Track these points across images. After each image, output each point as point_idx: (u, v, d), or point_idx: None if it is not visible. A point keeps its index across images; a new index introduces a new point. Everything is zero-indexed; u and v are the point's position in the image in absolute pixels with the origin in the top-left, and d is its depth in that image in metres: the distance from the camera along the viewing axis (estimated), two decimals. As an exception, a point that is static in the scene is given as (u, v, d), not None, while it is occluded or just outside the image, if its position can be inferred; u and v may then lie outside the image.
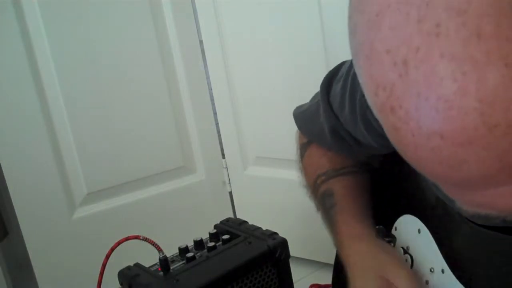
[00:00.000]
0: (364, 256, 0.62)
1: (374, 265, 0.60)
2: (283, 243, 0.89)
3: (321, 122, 0.68)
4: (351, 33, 0.28)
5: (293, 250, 0.93)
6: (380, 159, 0.72)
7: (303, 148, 0.77)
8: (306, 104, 0.76)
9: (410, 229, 0.63)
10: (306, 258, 1.35)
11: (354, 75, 0.59)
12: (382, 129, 0.30)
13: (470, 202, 0.28)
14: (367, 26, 0.26)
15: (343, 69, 0.64)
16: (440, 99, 0.23)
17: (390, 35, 0.24)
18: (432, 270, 0.58)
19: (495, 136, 0.22)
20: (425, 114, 0.24)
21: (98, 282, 0.83)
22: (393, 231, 0.67)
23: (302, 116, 0.76)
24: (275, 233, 0.91)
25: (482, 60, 0.22)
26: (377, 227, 0.69)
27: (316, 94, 0.73)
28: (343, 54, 0.68)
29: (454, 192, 0.28)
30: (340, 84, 0.63)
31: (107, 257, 0.81)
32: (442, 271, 0.56)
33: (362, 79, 0.28)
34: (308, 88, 0.75)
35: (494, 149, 0.23)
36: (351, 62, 0.61)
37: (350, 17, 0.28)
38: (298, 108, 0.78)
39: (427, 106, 0.23)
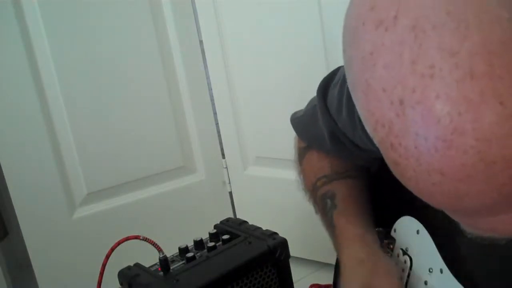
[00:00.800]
0: (356, 262, 0.62)
1: (363, 273, 0.60)
2: (283, 243, 0.88)
3: (319, 127, 0.68)
4: (347, 66, 0.29)
5: (293, 250, 0.93)
6: (378, 163, 0.72)
7: (303, 152, 0.77)
8: (302, 110, 0.76)
9: (409, 230, 0.63)
10: (306, 258, 1.35)
11: None
12: None
13: (473, 227, 0.29)
14: (362, 63, 0.26)
15: (339, 74, 0.64)
16: (438, 138, 0.24)
17: (385, 75, 0.25)
18: (431, 270, 0.58)
19: (493, 172, 0.23)
20: (424, 152, 0.24)
21: (98, 282, 0.83)
22: (392, 233, 0.67)
23: (300, 122, 0.75)
24: (275, 233, 0.91)
25: (476, 100, 0.22)
26: (376, 229, 0.69)
27: (312, 99, 0.72)
28: (342, 54, 0.68)
29: (457, 217, 0.29)
30: (337, 89, 0.63)
31: (107, 257, 0.81)
32: (441, 271, 0.56)
33: (360, 111, 0.29)
34: (308, 88, 0.75)
35: (493, 184, 0.23)
36: None
37: (344, 51, 0.29)
38: (294, 114, 0.78)
39: (426, 145, 0.24)
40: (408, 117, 0.24)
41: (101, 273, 0.83)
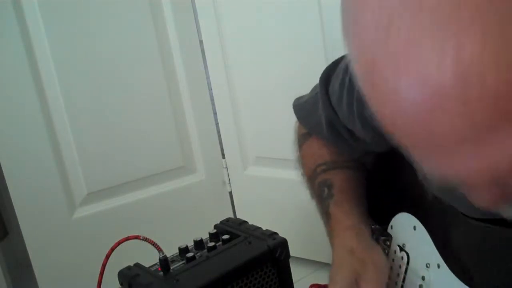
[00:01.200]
0: (346, 250, 0.62)
1: (352, 260, 0.61)
2: (283, 243, 0.88)
3: (319, 114, 0.69)
4: (341, 10, 0.29)
5: (293, 250, 0.93)
6: (372, 160, 0.72)
7: (304, 137, 0.77)
8: (305, 95, 0.76)
9: (406, 226, 0.63)
10: (306, 258, 1.35)
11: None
12: (379, 128, 0.30)
13: (438, 170, 0.29)
14: None
15: (342, 64, 0.64)
16: (419, 72, 0.24)
17: (375, 3, 0.26)
18: (428, 265, 0.58)
19: (470, 108, 0.23)
20: (404, 86, 0.25)
21: (98, 282, 0.83)
22: (389, 230, 0.67)
23: (302, 108, 0.76)
24: (275, 233, 0.91)
25: (460, 31, 0.23)
26: (372, 226, 0.69)
27: (316, 86, 0.73)
28: (343, 54, 0.68)
29: (424, 159, 0.29)
30: (338, 80, 0.63)
31: (107, 257, 0.81)
32: (438, 266, 0.57)
33: (349, 49, 0.29)
34: (308, 89, 0.75)
35: (468, 118, 0.24)
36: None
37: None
38: (297, 99, 0.78)
39: (406, 78, 0.25)
40: (390, 46, 0.25)
41: (101, 273, 0.83)
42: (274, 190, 1.40)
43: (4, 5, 1.21)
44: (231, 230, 0.94)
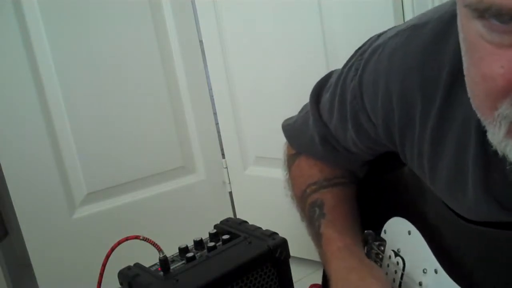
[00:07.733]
0: (347, 270, 0.61)
1: (356, 278, 0.59)
2: (283, 243, 0.89)
3: (310, 132, 0.68)
4: None
5: (293, 250, 0.93)
6: (366, 169, 0.71)
7: (292, 159, 0.77)
8: (294, 116, 0.76)
9: (400, 231, 0.62)
10: (306, 258, 1.35)
11: (344, 81, 0.59)
12: (374, 132, 0.30)
13: None
14: None
15: (332, 79, 0.64)
16: None
17: None
18: (425, 271, 0.58)
19: None
20: None
21: (98, 282, 0.83)
22: (382, 235, 0.67)
23: (291, 128, 0.75)
24: (275, 233, 0.91)
25: None
26: (365, 231, 0.68)
27: (305, 106, 0.72)
28: (343, 54, 0.68)
29: None
30: (329, 92, 0.63)
31: (107, 257, 0.81)
32: (435, 271, 0.56)
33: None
34: (308, 88, 0.75)
35: None
36: (340, 71, 0.61)
37: None
38: (286, 120, 0.77)
39: None
40: None
41: (101, 273, 0.83)
42: (275, 190, 1.40)
43: (4, 5, 1.21)
44: (231, 230, 0.94)
